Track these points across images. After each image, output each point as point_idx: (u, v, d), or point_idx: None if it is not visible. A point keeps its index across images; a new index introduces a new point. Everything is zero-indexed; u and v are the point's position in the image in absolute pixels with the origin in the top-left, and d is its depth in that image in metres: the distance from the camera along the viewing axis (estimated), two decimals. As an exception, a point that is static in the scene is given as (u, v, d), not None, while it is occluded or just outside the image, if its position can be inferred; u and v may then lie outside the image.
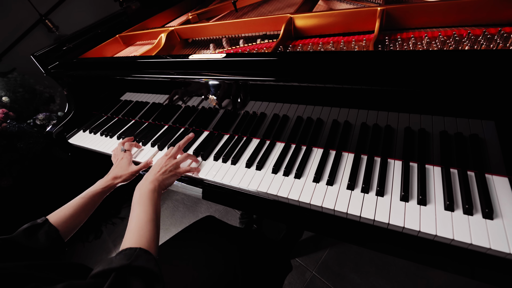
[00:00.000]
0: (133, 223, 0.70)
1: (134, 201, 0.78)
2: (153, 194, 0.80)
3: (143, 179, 0.86)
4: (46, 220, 0.78)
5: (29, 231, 0.74)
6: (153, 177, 0.86)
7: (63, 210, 0.84)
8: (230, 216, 1.98)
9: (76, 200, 0.87)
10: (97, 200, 0.93)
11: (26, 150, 1.70)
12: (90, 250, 2.04)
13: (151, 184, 0.83)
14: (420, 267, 1.43)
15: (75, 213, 0.85)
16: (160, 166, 0.91)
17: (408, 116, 0.76)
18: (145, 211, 0.74)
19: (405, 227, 0.66)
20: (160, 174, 0.88)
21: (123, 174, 0.99)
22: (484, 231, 0.62)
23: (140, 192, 0.80)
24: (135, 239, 0.65)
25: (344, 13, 1.01)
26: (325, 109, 0.86)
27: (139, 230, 0.68)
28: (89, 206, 0.90)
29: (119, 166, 1.01)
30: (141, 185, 0.83)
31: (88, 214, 0.90)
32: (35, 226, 0.76)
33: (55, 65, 1.35)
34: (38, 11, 2.03)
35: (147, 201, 0.77)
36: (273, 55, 0.88)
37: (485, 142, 0.69)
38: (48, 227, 0.77)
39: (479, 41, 0.78)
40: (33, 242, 0.72)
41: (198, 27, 1.33)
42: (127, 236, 0.67)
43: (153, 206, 0.76)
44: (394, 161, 0.82)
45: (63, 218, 0.82)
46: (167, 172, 0.90)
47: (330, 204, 0.76)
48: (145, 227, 0.69)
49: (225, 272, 0.87)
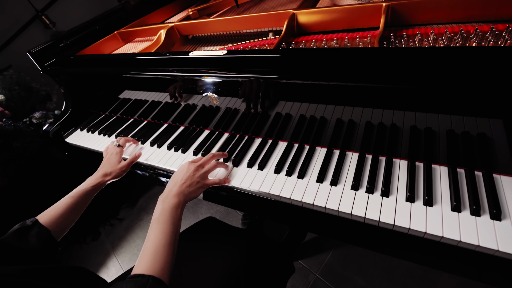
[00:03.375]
0: (149, 244, 0.68)
1: (154, 216, 0.74)
2: (176, 210, 0.75)
3: (167, 190, 0.80)
4: (36, 222, 0.78)
5: (19, 233, 0.74)
6: (178, 190, 0.79)
7: (53, 210, 0.83)
8: (231, 217, 1.99)
9: (66, 199, 0.86)
10: (88, 199, 0.92)
11: (22, 149, 1.71)
12: (88, 252, 2.05)
13: (175, 199, 0.77)
14: (426, 269, 1.43)
15: (66, 213, 0.84)
16: (186, 175, 0.83)
17: (414, 115, 0.76)
18: (164, 231, 0.70)
19: (411, 228, 0.67)
20: (186, 186, 0.81)
21: (113, 171, 0.98)
22: (492, 232, 0.62)
23: (162, 206, 0.76)
24: (149, 265, 0.63)
25: (348, 9, 1.01)
26: (329, 107, 0.86)
27: (154, 254, 0.65)
28: (80, 205, 0.89)
29: (109, 162, 1.01)
30: (164, 198, 0.78)
31: (79, 213, 0.89)
32: (25, 228, 0.76)
33: (52, 62, 1.36)
34: (34, 7, 2.04)
35: (168, 219, 0.73)
36: (276, 52, 0.89)
37: (493, 141, 0.69)
38: (38, 228, 0.77)
39: (486, 38, 0.78)
40: (24, 244, 0.72)
41: (199, 23, 1.33)
42: (141, 257, 0.66)
43: (173, 226, 0.72)
44: (400, 160, 0.83)
45: (54, 218, 0.81)
46: (194, 184, 0.82)
47: (334, 205, 0.76)
48: (161, 251, 0.66)
49: (226, 274, 0.88)
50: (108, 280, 0.81)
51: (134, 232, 2.10)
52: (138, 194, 2.38)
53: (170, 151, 1.10)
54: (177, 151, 1.09)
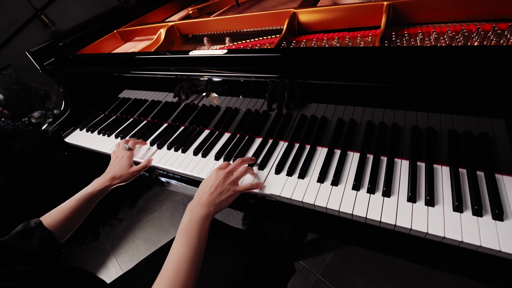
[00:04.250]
0: (172, 258, 0.65)
1: (181, 226, 0.71)
2: (204, 222, 0.71)
3: (197, 199, 0.76)
4: (39, 224, 0.77)
5: (22, 235, 0.73)
6: (209, 199, 0.75)
7: (58, 212, 0.82)
8: (232, 217, 1.99)
9: (71, 202, 0.85)
10: (93, 202, 0.91)
11: (21, 149, 1.71)
12: (87, 253, 2.05)
13: (204, 209, 0.73)
14: (428, 270, 1.43)
15: (70, 216, 0.83)
16: (216, 183, 0.79)
17: (416, 114, 0.76)
18: (189, 246, 0.67)
19: (412, 229, 0.67)
20: (217, 194, 0.77)
21: (123, 174, 0.96)
22: (494, 232, 0.62)
23: (190, 216, 0.72)
24: (169, 283, 0.60)
25: (350, 8, 1.01)
26: (330, 107, 0.86)
27: (176, 271, 0.62)
28: (85, 209, 0.88)
29: (119, 165, 0.98)
30: (193, 207, 0.74)
31: (84, 216, 0.88)
32: (28, 230, 0.74)
33: (51, 61, 1.36)
34: (33, 6, 2.04)
35: (195, 232, 0.69)
36: (276, 51, 0.89)
37: (495, 141, 0.70)
38: (41, 231, 0.75)
39: (488, 37, 0.78)
40: (27, 247, 0.71)
41: (199, 22, 1.33)
42: (162, 273, 0.63)
43: (200, 240, 0.69)
44: (401, 160, 0.83)
45: (58, 220, 0.80)
46: (224, 192, 0.78)
47: (335, 205, 0.76)
48: (184, 268, 0.63)
49: (227, 275, 0.88)
50: (108, 281, 0.81)
51: (134, 232, 2.11)
52: (138, 194, 2.38)
53: (170, 151, 1.10)
54: (177, 151, 1.09)
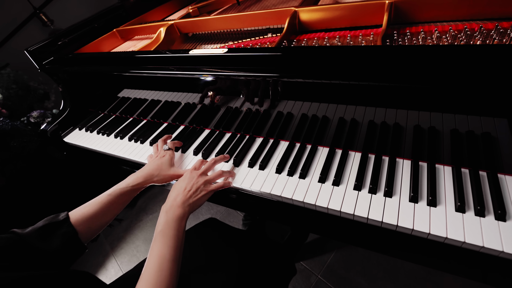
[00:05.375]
0: (153, 259, 0.66)
1: (158, 228, 0.71)
2: (181, 222, 0.73)
3: (170, 200, 0.78)
4: (67, 218, 0.72)
5: (45, 230, 0.68)
6: (183, 199, 0.77)
7: (87, 208, 0.78)
8: (232, 218, 1.99)
9: (102, 197, 0.81)
10: (126, 200, 0.88)
11: (19, 149, 1.71)
12: (86, 254, 2.01)
13: (180, 209, 0.75)
14: (430, 271, 1.43)
15: (100, 213, 0.78)
16: (189, 184, 0.81)
17: (418, 114, 0.76)
18: (169, 245, 0.68)
19: (414, 229, 0.67)
20: (191, 194, 0.79)
21: (162, 174, 0.92)
22: (497, 233, 0.62)
23: (166, 217, 0.73)
24: (154, 282, 0.62)
25: (351, 7, 1.01)
26: (331, 106, 0.86)
27: (159, 271, 0.63)
28: (117, 206, 0.84)
29: (160, 164, 0.94)
30: (168, 208, 0.75)
31: (114, 215, 0.84)
32: (54, 224, 0.70)
33: (50, 60, 1.37)
34: (32, 5, 2.05)
35: (173, 232, 0.70)
36: (277, 50, 0.89)
37: (497, 141, 0.70)
38: (67, 227, 0.71)
39: (491, 36, 0.79)
40: (46, 245, 0.67)
41: (199, 21, 1.33)
42: (145, 273, 0.64)
43: (178, 239, 0.70)
44: (403, 160, 0.83)
45: (86, 217, 0.76)
46: (198, 192, 0.80)
47: (336, 206, 0.76)
48: (166, 267, 0.64)
49: (227, 276, 0.88)
50: (107, 282, 0.81)
51: (133, 233, 2.11)
52: (137, 195, 2.36)
53: (170, 151, 1.10)
54: (177, 150, 1.09)
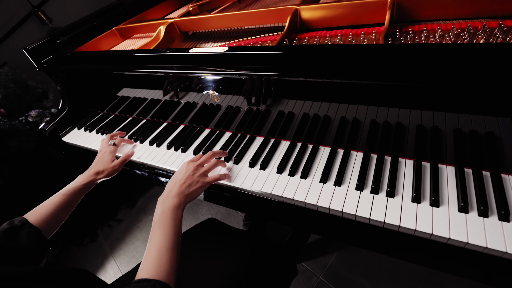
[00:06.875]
0: (152, 248, 0.68)
1: (155, 219, 0.75)
2: (177, 211, 0.76)
3: (166, 191, 0.81)
4: (25, 222, 0.78)
5: (9, 233, 0.74)
6: (178, 190, 0.80)
7: (43, 208, 0.84)
8: (233, 218, 1.99)
9: (56, 197, 0.87)
10: (79, 197, 0.93)
11: (17, 148, 1.72)
12: (86, 254, 2.06)
13: (175, 199, 0.78)
14: (433, 272, 1.43)
15: (56, 212, 0.84)
16: (185, 175, 0.84)
17: (420, 113, 0.76)
18: (167, 234, 0.71)
19: (417, 230, 0.67)
20: (186, 186, 0.82)
21: (105, 169, 0.99)
22: (500, 233, 0.62)
23: (162, 208, 0.76)
24: (154, 269, 0.64)
25: (353, 5, 1.01)
26: (333, 105, 0.86)
27: (158, 258, 0.66)
28: (71, 204, 0.90)
29: (102, 161, 1.02)
30: (164, 199, 0.79)
31: (69, 211, 0.90)
32: (14, 229, 0.75)
33: (49, 59, 1.37)
34: (30, 3, 2.05)
35: (169, 221, 0.73)
36: (278, 48, 0.89)
37: (501, 141, 0.70)
38: (28, 228, 0.77)
39: (494, 34, 0.79)
40: (16, 244, 0.73)
41: (199, 19, 1.33)
42: (145, 262, 0.66)
43: (175, 228, 0.73)
44: (406, 160, 0.83)
45: (44, 216, 0.81)
46: (194, 184, 0.83)
47: (338, 206, 0.76)
48: (166, 255, 0.67)
49: (228, 277, 0.88)
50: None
51: (133, 233, 2.11)
52: (137, 195, 2.39)
53: (170, 150, 1.10)
54: (177, 150, 1.09)
